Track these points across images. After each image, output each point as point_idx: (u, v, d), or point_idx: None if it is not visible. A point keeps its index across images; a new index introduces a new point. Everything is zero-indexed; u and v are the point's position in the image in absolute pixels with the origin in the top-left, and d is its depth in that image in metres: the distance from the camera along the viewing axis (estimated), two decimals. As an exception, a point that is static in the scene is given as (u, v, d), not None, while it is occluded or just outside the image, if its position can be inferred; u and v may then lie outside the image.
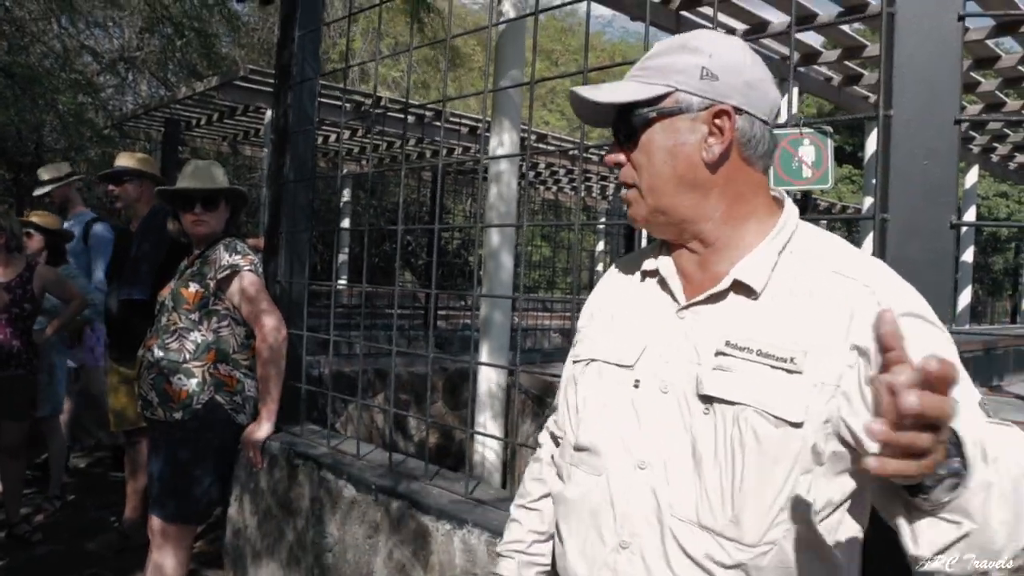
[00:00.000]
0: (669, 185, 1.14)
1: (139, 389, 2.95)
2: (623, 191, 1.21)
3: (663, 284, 1.21)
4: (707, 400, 1.08)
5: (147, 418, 2.97)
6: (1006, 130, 8.94)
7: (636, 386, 1.16)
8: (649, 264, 1.24)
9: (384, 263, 15.62)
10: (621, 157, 1.19)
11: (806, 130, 1.64)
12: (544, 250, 17.25)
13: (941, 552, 0.84)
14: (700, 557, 1.06)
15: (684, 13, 5.86)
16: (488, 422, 4.39)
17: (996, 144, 9.70)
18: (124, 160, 4.16)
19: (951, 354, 1.02)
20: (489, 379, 4.41)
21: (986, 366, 5.72)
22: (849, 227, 18.85)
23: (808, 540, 1.04)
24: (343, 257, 12.43)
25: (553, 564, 1.34)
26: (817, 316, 1.05)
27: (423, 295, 10.47)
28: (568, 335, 1.47)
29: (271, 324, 2.91)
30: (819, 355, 1.03)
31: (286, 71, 3.19)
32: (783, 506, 1.03)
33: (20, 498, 4.25)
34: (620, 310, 1.26)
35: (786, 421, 1.02)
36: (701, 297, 1.14)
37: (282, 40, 3.25)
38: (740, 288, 1.11)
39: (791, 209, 1.18)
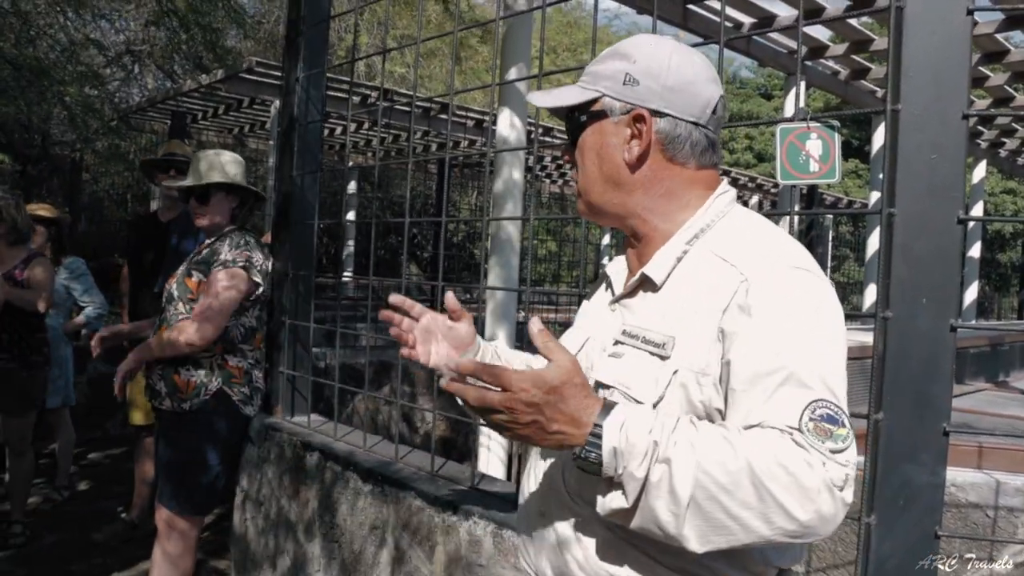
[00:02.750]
0: (597, 184, 1.23)
1: (148, 379, 2.96)
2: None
3: (608, 282, 1.32)
4: (596, 385, 1.17)
5: (155, 408, 2.98)
6: (1015, 125, 8.89)
7: None
8: (609, 264, 1.35)
9: (389, 255, 15.62)
10: (568, 156, 1.31)
11: (813, 124, 1.64)
12: (549, 244, 17.24)
13: (612, 516, 1.02)
14: (583, 529, 1.19)
15: (691, 6, 5.84)
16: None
17: (1004, 139, 9.64)
18: (176, 148, 4.13)
19: (784, 349, 1.02)
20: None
21: (992, 362, 5.70)
22: (855, 221, 18.81)
23: None
24: (348, 250, 12.43)
25: None
26: (695, 303, 1.11)
27: (428, 288, 10.48)
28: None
29: (192, 328, 2.79)
30: (687, 341, 1.09)
31: (293, 64, 3.20)
32: None
33: (25, 495, 4.16)
34: (588, 305, 1.39)
35: (641, 403, 1.09)
36: (623, 292, 1.24)
37: (290, 32, 3.25)
38: (647, 281, 1.19)
39: (719, 199, 1.21)
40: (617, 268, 1.31)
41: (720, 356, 1.07)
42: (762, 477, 0.93)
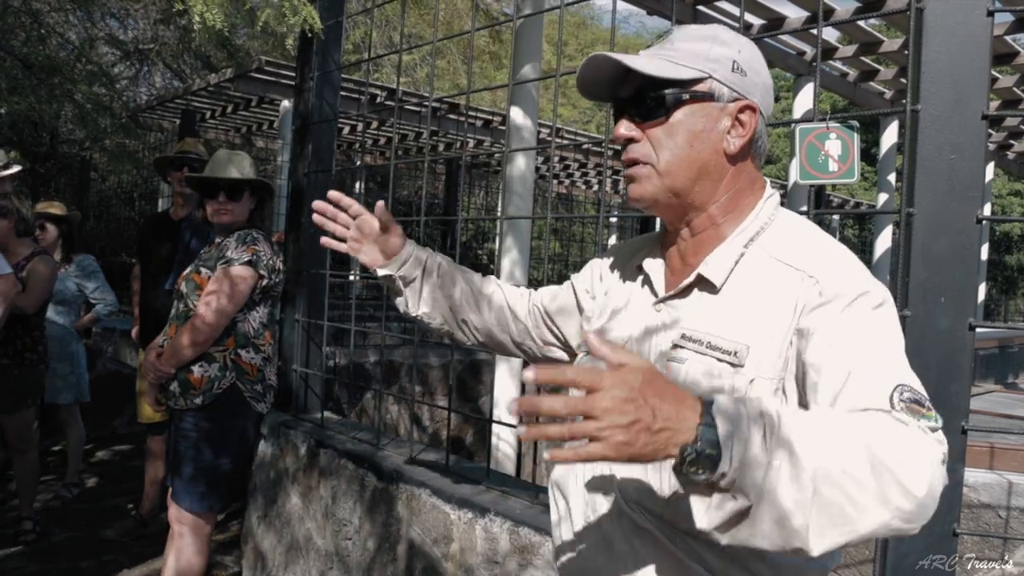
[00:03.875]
0: (691, 169, 1.15)
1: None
2: (629, 168, 1.20)
3: (647, 279, 1.25)
4: None
5: (168, 406, 3.00)
6: (1023, 127, 8.88)
7: None
8: (639, 256, 1.29)
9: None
10: (635, 132, 1.18)
11: (832, 124, 1.65)
12: (554, 244, 17.25)
13: (720, 527, 0.90)
14: (642, 538, 1.13)
15: (701, 8, 5.85)
16: (504, 413, 4.41)
17: (1012, 141, 9.64)
18: (190, 146, 4.13)
19: (864, 339, 1.02)
20: (506, 370, 4.43)
21: (1001, 363, 5.70)
22: (861, 224, 18.80)
23: None
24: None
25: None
26: (764, 309, 1.08)
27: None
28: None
29: (200, 317, 2.80)
30: (762, 349, 1.07)
31: (307, 64, 3.21)
32: None
33: (32, 492, 4.15)
34: (616, 300, 1.31)
35: None
36: (673, 292, 1.19)
37: (304, 33, 3.26)
38: (703, 282, 1.15)
39: (768, 201, 1.20)
40: (655, 266, 1.25)
41: (796, 356, 1.05)
42: (877, 453, 0.88)
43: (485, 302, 1.50)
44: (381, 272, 1.46)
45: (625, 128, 1.19)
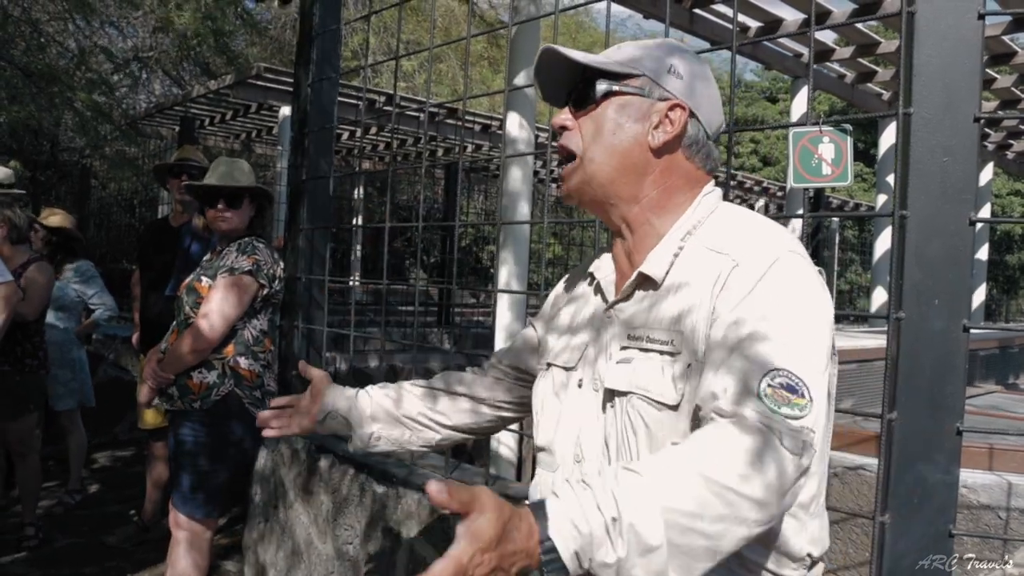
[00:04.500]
0: (612, 157, 1.20)
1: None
2: (563, 167, 1.26)
3: (598, 287, 1.29)
4: (609, 393, 1.17)
5: (167, 409, 3.01)
6: (1022, 127, 8.89)
7: (580, 386, 1.25)
8: (592, 265, 1.32)
9: (395, 260, 15.66)
10: (569, 121, 1.25)
11: (825, 128, 1.66)
12: (555, 248, 17.25)
13: None
14: None
15: (697, 11, 5.86)
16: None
17: (1012, 141, 9.64)
18: (190, 153, 4.14)
19: (756, 315, 1.04)
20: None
21: (1002, 364, 5.70)
22: (861, 225, 18.80)
23: None
24: (356, 254, 12.47)
25: None
26: (692, 296, 1.11)
27: (435, 291, 10.51)
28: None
29: (191, 336, 2.82)
30: (691, 333, 1.09)
31: (305, 70, 3.22)
32: None
33: (35, 498, 4.16)
34: (571, 313, 1.35)
35: (665, 404, 1.09)
36: (619, 296, 1.22)
37: (301, 39, 3.28)
38: (646, 280, 1.18)
39: (706, 197, 1.23)
40: (605, 272, 1.29)
41: (708, 329, 1.09)
42: (717, 479, 0.92)
43: (447, 415, 1.56)
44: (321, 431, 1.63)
45: (561, 116, 1.26)
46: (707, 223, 1.19)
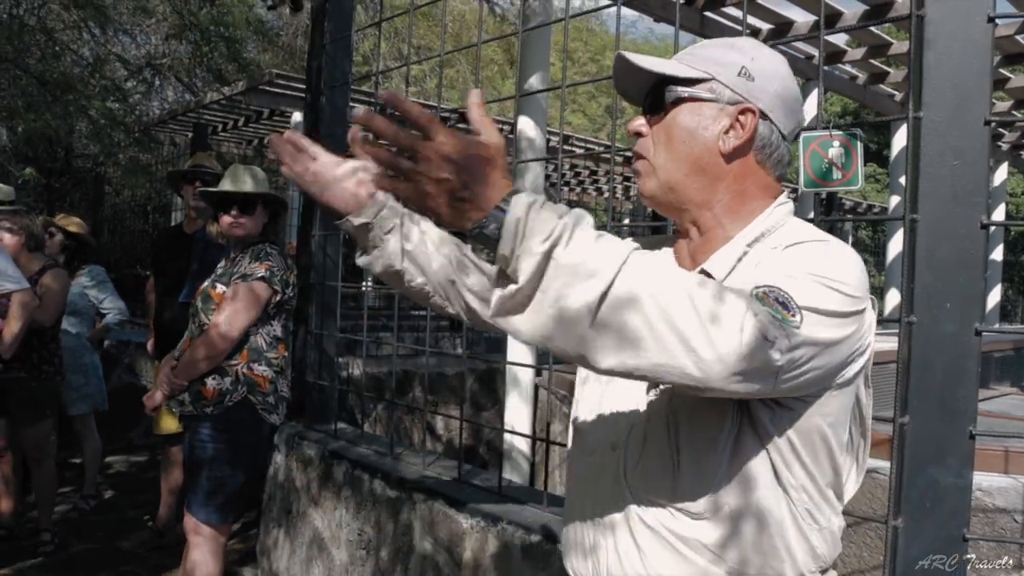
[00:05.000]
0: (683, 164, 1.19)
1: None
2: (635, 162, 1.24)
3: None
4: (652, 384, 1.16)
5: (181, 415, 3.02)
6: (1035, 127, 8.83)
7: None
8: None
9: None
10: (644, 127, 1.23)
11: (836, 132, 1.65)
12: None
13: (501, 312, 0.93)
14: (657, 526, 1.13)
15: (708, 14, 5.86)
16: (517, 421, 4.43)
17: (1026, 141, 9.58)
18: (203, 160, 4.17)
19: (778, 265, 1.03)
20: (518, 379, 4.44)
21: (1017, 366, 5.66)
22: (874, 226, 18.72)
23: (758, 509, 1.09)
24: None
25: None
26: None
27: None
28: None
29: (213, 331, 2.84)
30: None
31: (317, 76, 3.24)
32: (724, 476, 1.09)
33: (51, 503, 4.18)
34: None
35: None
36: None
37: (312, 46, 3.30)
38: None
39: (779, 208, 1.21)
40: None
41: None
42: (696, 300, 0.88)
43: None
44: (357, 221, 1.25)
45: (636, 123, 1.24)
46: (776, 233, 1.18)
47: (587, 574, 1.24)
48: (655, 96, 1.22)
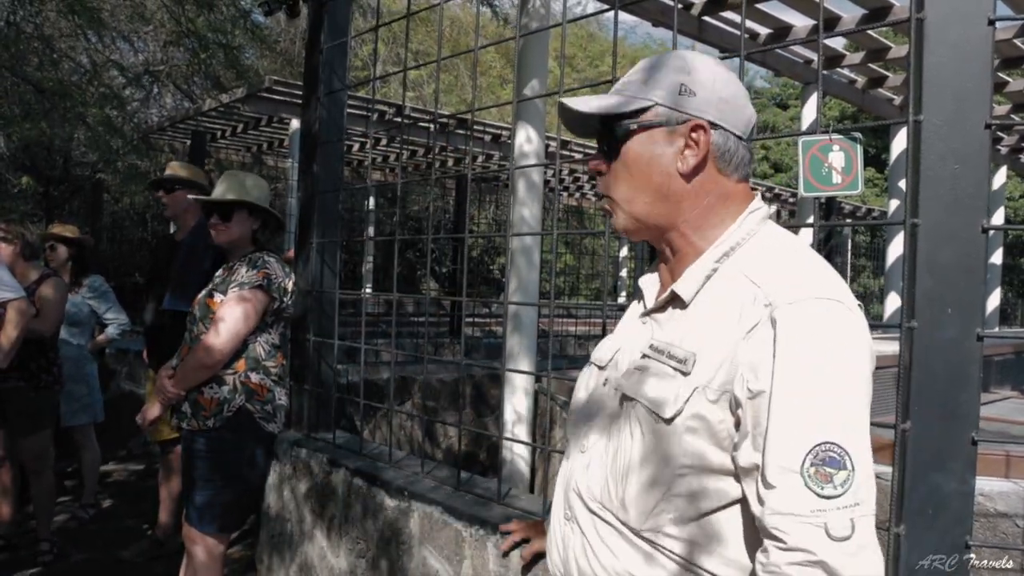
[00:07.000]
0: (644, 195, 1.22)
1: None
2: (601, 200, 1.29)
3: (640, 294, 1.32)
4: (623, 397, 1.21)
5: (180, 427, 3.01)
6: (1034, 131, 8.84)
7: (604, 384, 1.29)
8: (644, 277, 1.35)
9: (407, 271, 15.69)
10: (602, 165, 1.26)
11: (835, 136, 1.64)
12: (567, 257, 17.24)
13: None
14: (606, 534, 1.20)
15: (706, 18, 5.86)
16: (517, 428, 4.41)
17: (1024, 144, 9.59)
18: (175, 170, 4.19)
19: (790, 373, 1.02)
20: (517, 386, 4.43)
21: (1018, 370, 5.65)
22: (873, 231, 18.69)
23: (699, 532, 1.12)
24: (368, 266, 12.50)
25: None
26: (719, 323, 1.12)
27: (447, 302, 10.51)
28: (594, 340, 1.49)
29: (210, 340, 2.83)
30: (708, 359, 1.10)
31: (314, 83, 3.23)
32: (667, 496, 1.12)
33: (49, 513, 4.18)
34: (626, 315, 1.39)
35: (660, 417, 1.11)
36: (653, 306, 1.25)
37: (310, 52, 3.29)
38: (677, 298, 1.20)
39: (750, 216, 1.22)
40: (650, 282, 1.31)
41: (738, 378, 1.07)
42: None
43: None
44: None
45: (593, 163, 1.28)
46: (747, 245, 1.18)
47: (559, 567, 1.32)
48: (605, 132, 1.24)
